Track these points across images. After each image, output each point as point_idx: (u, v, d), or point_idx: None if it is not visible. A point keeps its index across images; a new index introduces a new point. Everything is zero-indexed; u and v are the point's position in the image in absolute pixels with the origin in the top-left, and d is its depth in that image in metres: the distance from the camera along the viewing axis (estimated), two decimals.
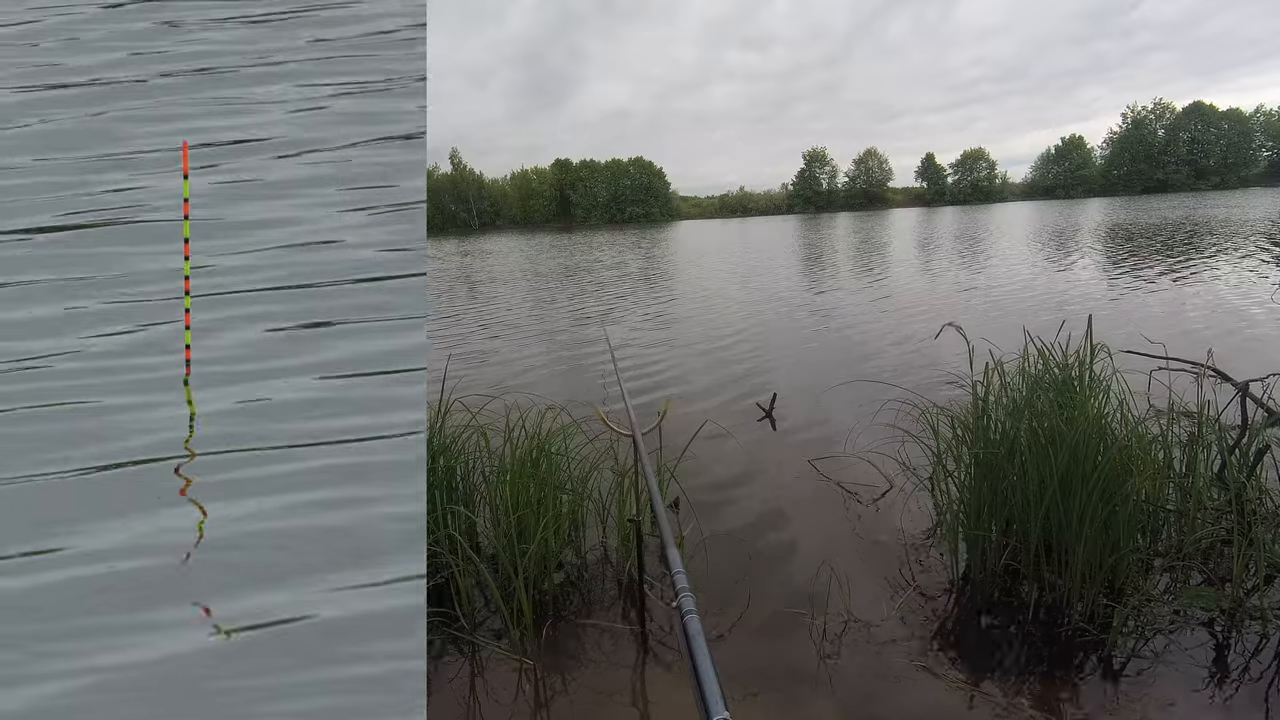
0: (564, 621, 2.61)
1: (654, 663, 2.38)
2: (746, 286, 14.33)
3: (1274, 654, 2.23)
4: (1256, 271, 11.58)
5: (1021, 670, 2.27)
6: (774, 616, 2.58)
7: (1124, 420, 2.83)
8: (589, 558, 3.08)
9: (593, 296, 13.90)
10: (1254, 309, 8.33)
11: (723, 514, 3.47)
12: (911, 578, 2.80)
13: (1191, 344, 5.68)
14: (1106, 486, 2.43)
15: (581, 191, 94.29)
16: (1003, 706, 2.09)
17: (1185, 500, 2.94)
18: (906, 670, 2.26)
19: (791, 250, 25.50)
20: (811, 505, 3.56)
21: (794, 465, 4.10)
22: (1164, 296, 9.73)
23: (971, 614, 2.60)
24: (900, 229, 36.08)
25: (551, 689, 2.26)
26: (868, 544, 3.10)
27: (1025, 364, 3.12)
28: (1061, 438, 2.50)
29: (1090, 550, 2.43)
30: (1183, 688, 2.12)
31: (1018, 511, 2.64)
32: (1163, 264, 13.54)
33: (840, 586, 2.65)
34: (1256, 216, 26.20)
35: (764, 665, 2.32)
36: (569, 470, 3.10)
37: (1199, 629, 2.37)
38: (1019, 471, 2.62)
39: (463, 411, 3.25)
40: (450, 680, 2.32)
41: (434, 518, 2.75)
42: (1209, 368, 3.48)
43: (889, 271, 15.80)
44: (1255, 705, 2.03)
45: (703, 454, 4.10)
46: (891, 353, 7.08)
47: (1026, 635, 2.43)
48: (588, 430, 3.33)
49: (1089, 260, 15.38)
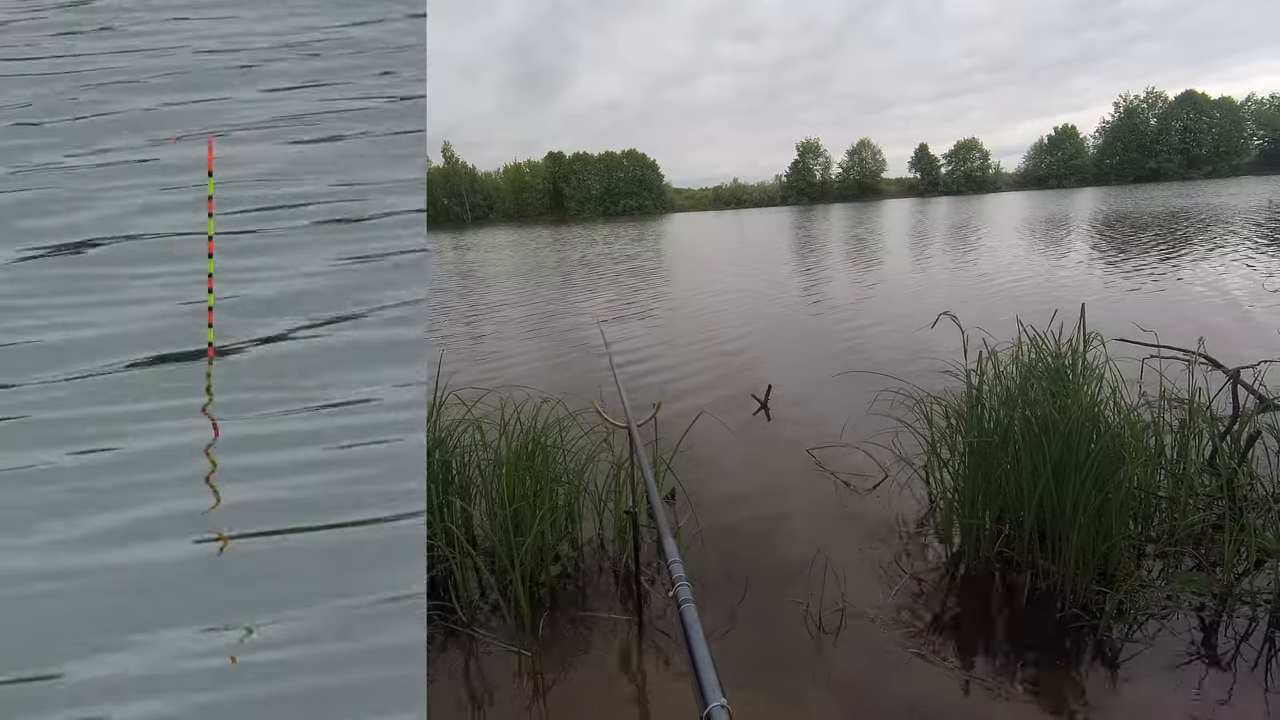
0: (561, 613, 2.62)
1: (651, 652, 2.39)
2: (741, 277, 14.32)
3: (1264, 637, 2.25)
4: (1246, 260, 11.63)
5: (1016, 656, 2.29)
6: (770, 605, 2.59)
7: (1117, 408, 2.85)
8: (585, 549, 3.08)
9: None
10: (1242, 295, 8.37)
11: (719, 505, 3.48)
12: (907, 566, 2.82)
13: (1184, 331, 5.71)
14: (1099, 474, 2.44)
15: (575, 184, 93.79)
16: (997, 692, 2.11)
17: (1177, 487, 2.96)
18: (902, 657, 2.27)
19: (787, 242, 25.47)
20: (807, 495, 3.57)
21: (789, 455, 4.11)
22: (1158, 285, 9.77)
23: (966, 601, 2.61)
24: (895, 220, 36.09)
25: (549, 679, 2.27)
26: (863, 533, 3.11)
27: (1019, 353, 3.13)
28: (1055, 426, 2.52)
29: (1083, 537, 2.45)
30: (1175, 671, 2.14)
31: (1011, 499, 2.66)
32: (1156, 253, 13.58)
33: (836, 575, 2.66)
34: (1252, 205, 26.29)
35: (761, 653, 2.33)
36: (565, 463, 3.10)
37: (1191, 613, 2.40)
38: (1013, 460, 2.63)
39: (458, 405, 3.25)
40: (448, 672, 2.32)
41: (430, 511, 2.75)
42: (1200, 355, 3.50)
43: (884, 262, 15.81)
44: (1246, 687, 2.06)
45: (699, 445, 4.10)
46: (886, 342, 7.10)
47: (1021, 622, 2.45)
48: (583, 423, 3.33)
49: (1082, 250, 15.42)
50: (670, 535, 1.41)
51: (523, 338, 8.83)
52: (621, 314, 10.42)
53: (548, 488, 2.82)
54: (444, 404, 3.20)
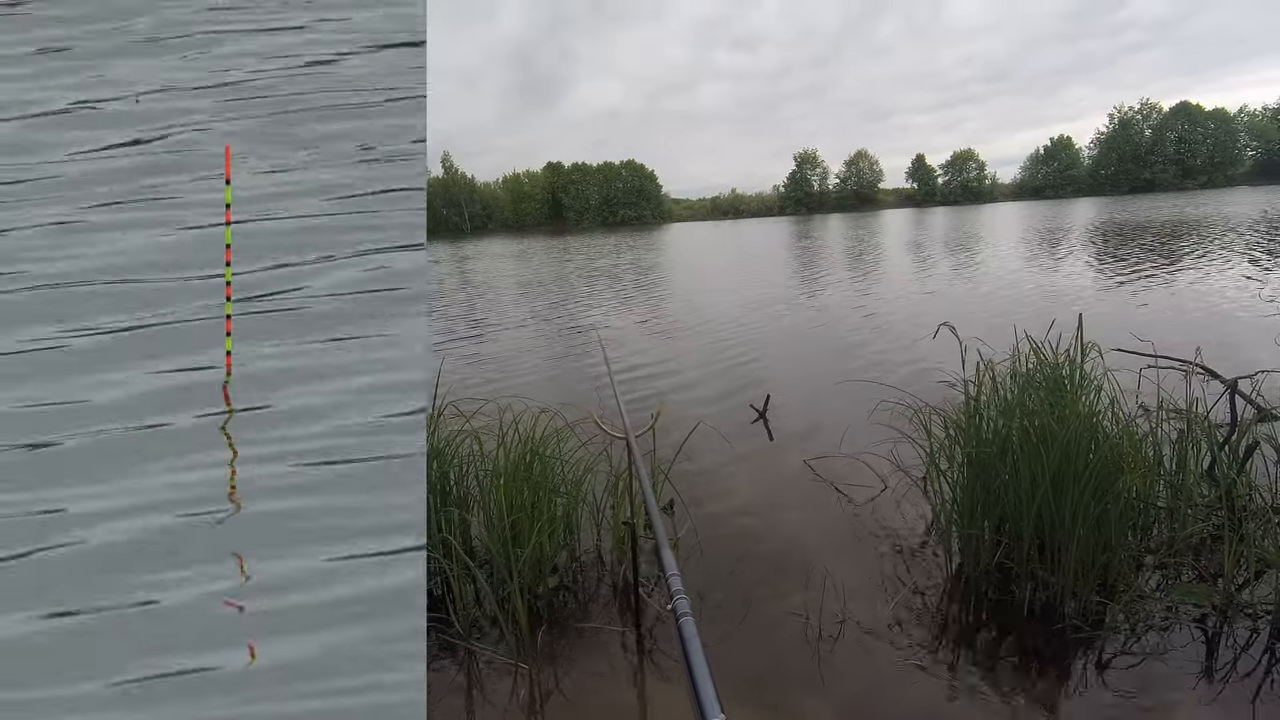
0: (559, 625, 2.60)
1: (650, 665, 2.37)
2: (740, 288, 14.35)
3: (1264, 648, 2.25)
4: (1241, 270, 11.68)
5: (1016, 668, 2.28)
6: (770, 617, 2.58)
7: (1115, 418, 2.85)
8: (584, 561, 3.07)
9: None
10: (1237, 309, 8.40)
11: (718, 516, 3.47)
12: (906, 577, 2.81)
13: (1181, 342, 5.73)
14: (1098, 484, 2.44)
15: (574, 195, 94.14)
16: (998, 705, 2.10)
17: (1176, 497, 2.96)
18: (901, 670, 2.26)
19: (785, 252, 25.54)
20: (806, 506, 3.57)
21: (788, 466, 4.11)
22: (1155, 295, 9.80)
23: (966, 613, 2.60)
24: (893, 230, 36.23)
25: (547, 692, 2.26)
26: (862, 544, 3.10)
27: (1017, 363, 3.14)
28: (1053, 436, 2.52)
29: (1083, 548, 2.44)
30: (1176, 683, 2.13)
31: (1010, 510, 2.65)
32: (1151, 263, 13.64)
33: (835, 587, 2.65)
34: (1248, 215, 26.43)
35: (760, 667, 2.32)
36: (563, 474, 3.09)
37: (1191, 625, 2.39)
38: (1011, 470, 2.63)
39: (456, 416, 3.24)
40: (446, 684, 2.31)
41: (428, 523, 2.74)
42: (1198, 365, 3.51)
43: (883, 272, 15.86)
44: (1247, 700, 2.05)
45: (698, 455, 4.10)
46: (885, 353, 7.10)
47: (1020, 633, 2.44)
48: (582, 434, 3.33)
49: (1079, 260, 15.48)
50: (669, 547, 1.40)
51: (522, 348, 8.83)
52: (620, 323, 10.43)
53: (546, 499, 2.81)
54: (442, 415, 3.19)
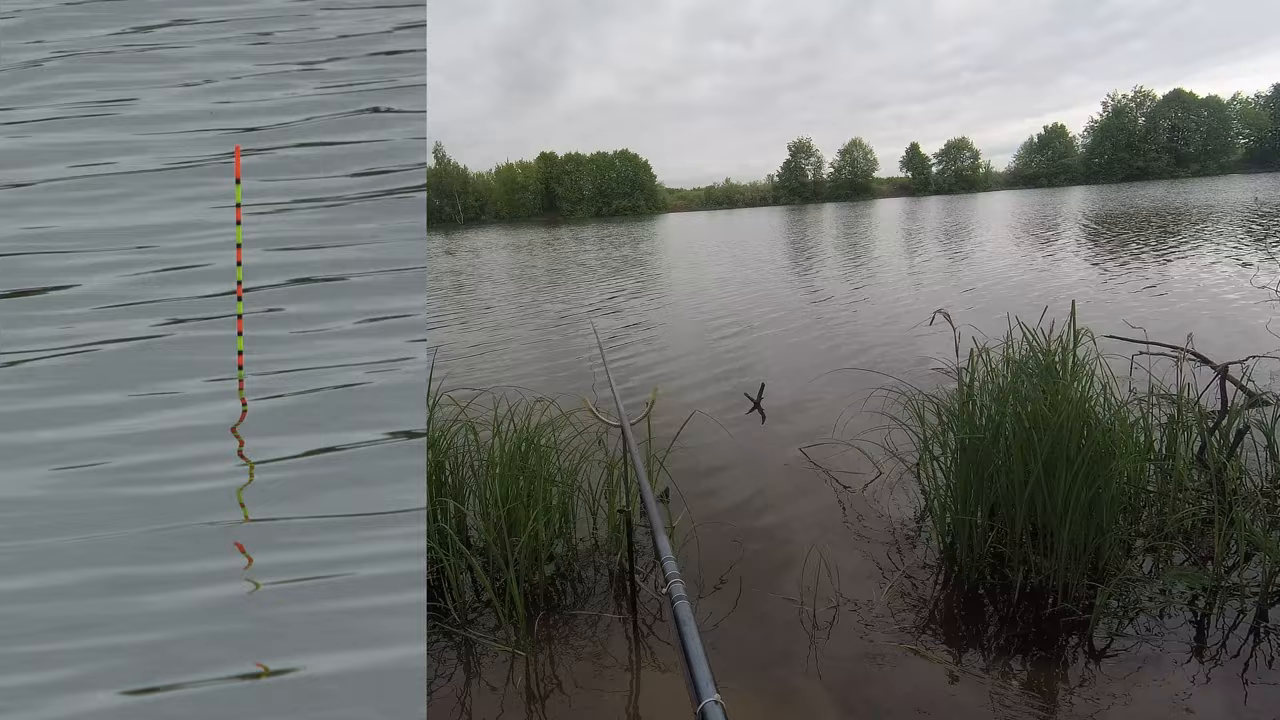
0: (556, 612, 2.62)
1: (646, 649, 2.39)
2: (733, 276, 14.34)
3: (1249, 628, 2.28)
4: (1234, 256, 11.73)
5: (1008, 651, 2.31)
6: (764, 601, 2.60)
7: (1106, 404, 2.87)
8: (580, 548, 3.08)
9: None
10: (1230, 293, 8.45)
11: (713, 503, 3.49)
12: (900, 562, 2.83)
13: (1172, 328, 5.76)
14: (1090, 469, 2.46)
15: (567, 185, 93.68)
16: (990, 687, 2.12)
17: (1166, 482, 2.98)
18: (895, 653, 2.28)
19: (780, 241, 25.53)
20: (801, 492, 3.58)
21: (783, 453, 4.12)
22: (1146, 281, 9.84)
23: (959, 597, 2.63)
24: (887, 219, 36.23)
25: (544, 678, 2.27)
26: (856, 529, 3.12)
27: (1010, 350, 3.15)
28: (1045, 422, 2.53)
29: (1074, 532, 2.47)
30: (1166, 664, 2.16)
31: (1003, 495, 2.67)
32: (1145, 250, 13.69)
33: (829, 571, 2.67)
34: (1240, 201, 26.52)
35: (755, 649, 2.34)
36: (558, 462, 3.09)
37: (1181, 607, 2.42)
38: (1004, 456, 2.65)
39: (451, 405, 3.24)
40: (443, 673, 2.32)
41: None
42: (1189, 351, 3.53)
43: (877, 260, 15.87)
44: (1234, 678, 2.08)
45: (693, 443, 4.11)
46: (879, 340, 7.12)
47: (1013, 617, 2.47)
48: (577, 423, 3.33)
49: (1073, 248, 15.52)
50: (664, 533, 1.41)
51: (516, 338, 8.81)
52: (615, 311, 10.41)
53: (541, 487, 2.82)
54: (437, 404, 3.19)
